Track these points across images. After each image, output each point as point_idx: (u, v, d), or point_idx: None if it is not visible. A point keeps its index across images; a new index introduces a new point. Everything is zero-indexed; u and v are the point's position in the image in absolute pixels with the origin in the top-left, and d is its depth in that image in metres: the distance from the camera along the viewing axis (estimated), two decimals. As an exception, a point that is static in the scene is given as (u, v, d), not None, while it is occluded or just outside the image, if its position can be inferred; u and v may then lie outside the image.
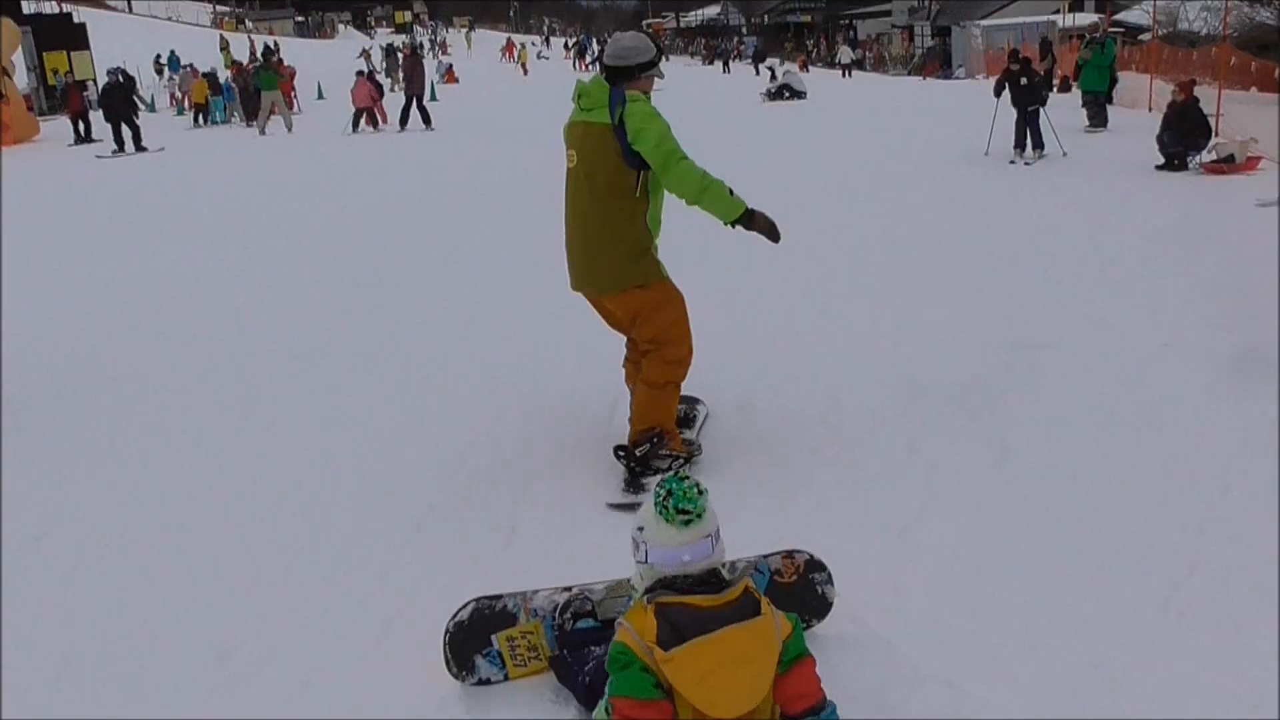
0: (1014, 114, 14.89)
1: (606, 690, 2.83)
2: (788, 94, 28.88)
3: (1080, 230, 10.01)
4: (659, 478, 3.29)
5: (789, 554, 3.59)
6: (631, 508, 4.19)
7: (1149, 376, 5.99)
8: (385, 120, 24.28)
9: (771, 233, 4.72)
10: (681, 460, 4.88)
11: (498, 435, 5.52)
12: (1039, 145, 14.71)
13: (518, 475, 5.00)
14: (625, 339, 5.12)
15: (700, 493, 2.90)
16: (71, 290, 9.41)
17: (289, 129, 25.28)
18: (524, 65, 54.83)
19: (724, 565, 3.05)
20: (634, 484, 4.79)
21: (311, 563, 4.26)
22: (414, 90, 24.23)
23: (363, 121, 24.22)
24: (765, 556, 3.59)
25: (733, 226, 4.70)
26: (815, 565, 3.59)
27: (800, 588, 3.56)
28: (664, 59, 4.99)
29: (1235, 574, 3.84)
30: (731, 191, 4.59)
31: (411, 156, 19.26)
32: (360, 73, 26.28)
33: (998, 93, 15.16)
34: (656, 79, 4.78)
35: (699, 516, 2.85)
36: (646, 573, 2.91)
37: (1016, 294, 7.85)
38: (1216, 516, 4.29)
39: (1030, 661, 3.39)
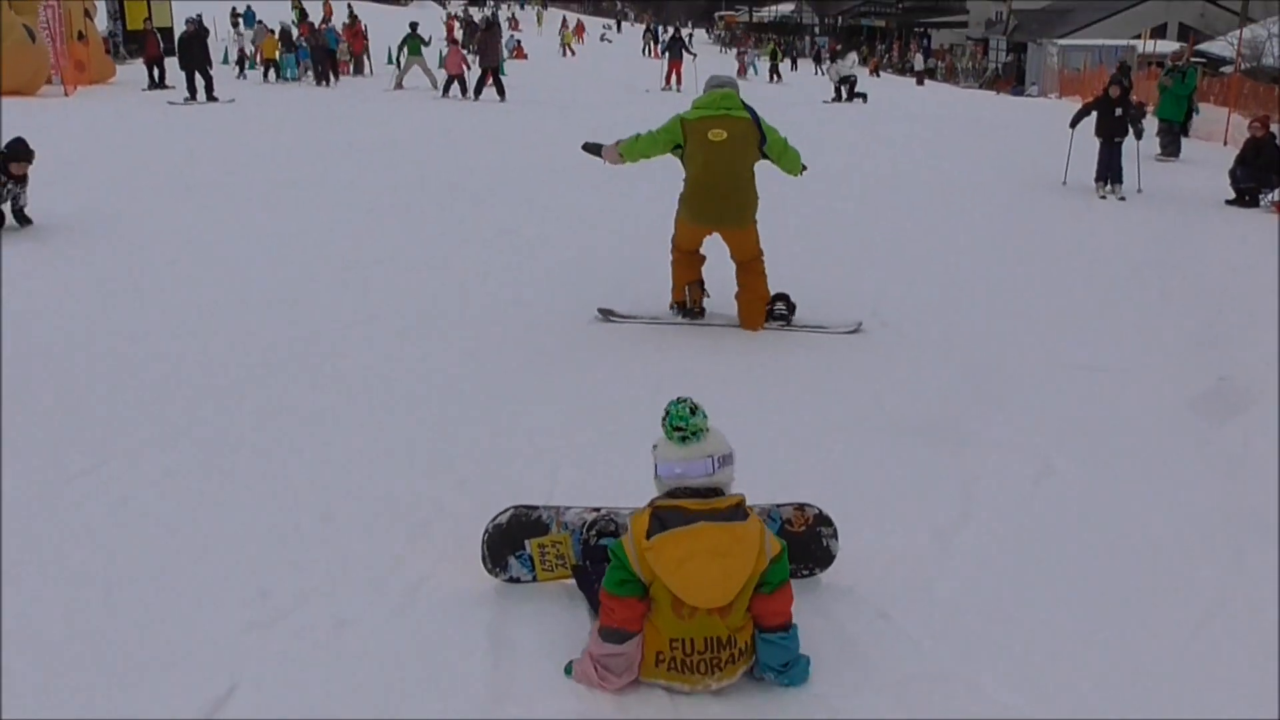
0: (1095, 142, 13.54)
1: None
2: (847, 91, 28.02)
3: (1145, 260, 9.94)
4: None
5: (800, 506, 3.91)
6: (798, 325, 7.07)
7: (1207, 407, 5.98)
8: (465, 91, 24.53)
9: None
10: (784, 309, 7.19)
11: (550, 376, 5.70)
12: (1119, 179, 13.37)
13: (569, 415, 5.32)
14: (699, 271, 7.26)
15: (693, 411, 3.25)
16: (133, 235, 9.61)
17: (433, 84, 26.13)
18: (569, 46, 51.15)
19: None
20: (789, 321, 7.21)
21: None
22: (489, 62, 24.45)
23: (454, 87, 24.58)
24: (779, 505, 3.91)
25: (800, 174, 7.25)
26: (823, 519, 3.90)
27: (808, 538, 3.88)
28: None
29: (1269, 614, 3.86)
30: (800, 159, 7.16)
31: (483, 124, 19.41)
32: (455, 41, 27.22)
33: (1075, 122, 13.70)
34: None
35: (694, 434, 3.22)
36: (658, 485, 3.28)
37: (1077, 317, 7.84)
38: (1256, 555, 4.29)
39: (1053, 673, 3.44)
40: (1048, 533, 4.41)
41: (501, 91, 24.15)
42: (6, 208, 9.00)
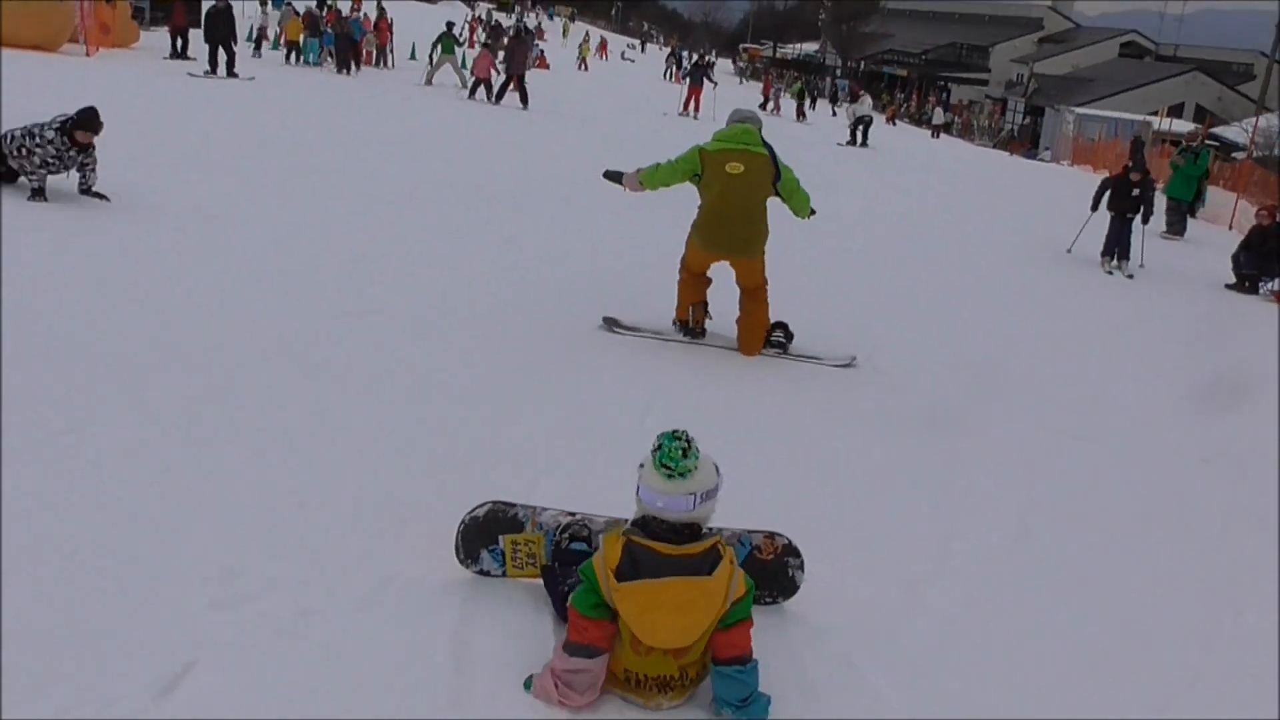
0: (1106, 216, 13.45)
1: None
2: (862, 134, 27.97)
3: (1139, 337, 10.00)
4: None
5: (771, 535, 3.97)
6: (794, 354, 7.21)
7: (1184, 489, 6.01)
8: (490, 95, 24.64)
9: None
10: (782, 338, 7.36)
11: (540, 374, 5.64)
12: (1126, 256, 13.23)
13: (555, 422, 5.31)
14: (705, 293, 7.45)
15: (684, 454, 3.18)
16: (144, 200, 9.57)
17: (461, 84, 26.40)
18: (585, 60, 50.38)
19: (710, 528, 3.40)
20: (785, 349, 7.41)
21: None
22: (515, 70, 24.57)
23: (481, 92, 24.74)
24: (750, 532, 3.97)
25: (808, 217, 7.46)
26: (791, 550, 3.97)
27: (775, 567, 3.95)
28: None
29: (1232, 701, 3.86)
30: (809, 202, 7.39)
31: (503, 129, 19.46)
32: (485, 44, 27.61)
33: (1096, 204, 13.64)
34: None
35: (681, 475, 3.16)
36: (638, 505, 3.27)
37: (1065, 386, 7.87)
38: (1226, 638, 4.30)
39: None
40: (1019, 594, 4.41)
41: (525, 99, 24.27)
42: (67, 179, 8.74)
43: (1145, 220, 13.42)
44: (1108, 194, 13.55)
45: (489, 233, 10.30)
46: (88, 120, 8.53)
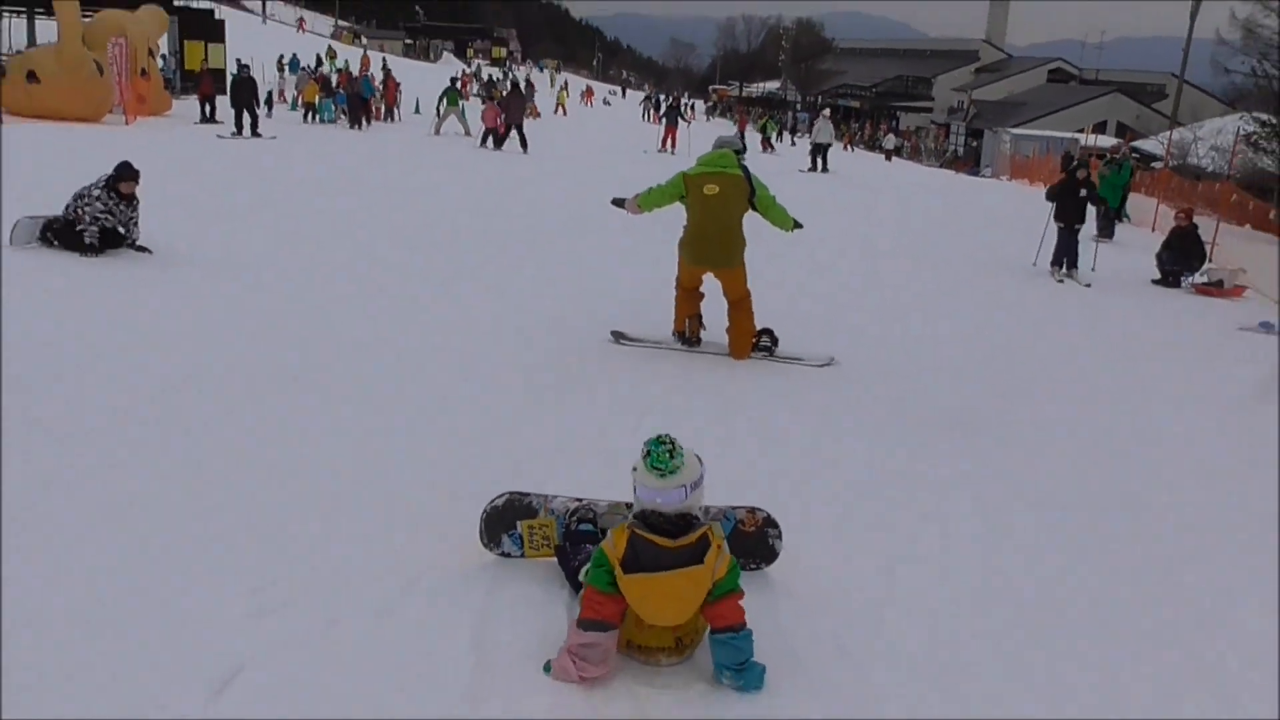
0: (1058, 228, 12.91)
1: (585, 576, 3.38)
2: (822, 161, 27.34)
3: (1079, 323, 10.01)
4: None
5: (752, 510, 4.13)
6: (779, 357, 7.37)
7: (1129, 465, 5.96)
8: (497, 143, 24.70)
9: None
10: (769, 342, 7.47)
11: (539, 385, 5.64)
12: (1075, 264, 12.77)
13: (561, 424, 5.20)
14: (697, 307, 7.53)
15: (672, 456, 3.30)
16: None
17: (466, 132, 26.89)
18: (563, 106, 50.11)
19: (701, 509, 3.52)
20: (772, 352, 7.50)
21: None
22: (513, 119, 24.71)
23: (490, 141, 24.76)
24: (734, 508, 4.12)
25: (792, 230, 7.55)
26: (770, 522, 4.11)
27: (756, 537, 4.09)
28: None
29: (1206, 664, 3.87)
30: (791, 216, 7.47)
31: (503, 170, 19.47)
32: (490, 98, 27.53)
33: (1051, 196, 13.12)
34: None
35: (671, 473, 3.28)
36: (636, 502, 3.38)
37: (1020, 378, 7.83)
38: (1177, 597, 4.29)
39: (988, 700, 3.41)
40: (988, 574, 4.36)
41: (524, 144, 24.36)
42: (126, 229, 8.71)
43: (1094, 203, 13.21)
44: (1054, 207, 13.05)
45: (499, 261, 10.31)
46: (126, 172, 8.61)
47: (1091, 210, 13.54)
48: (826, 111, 30.19)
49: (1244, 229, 19.79)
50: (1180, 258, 13.33)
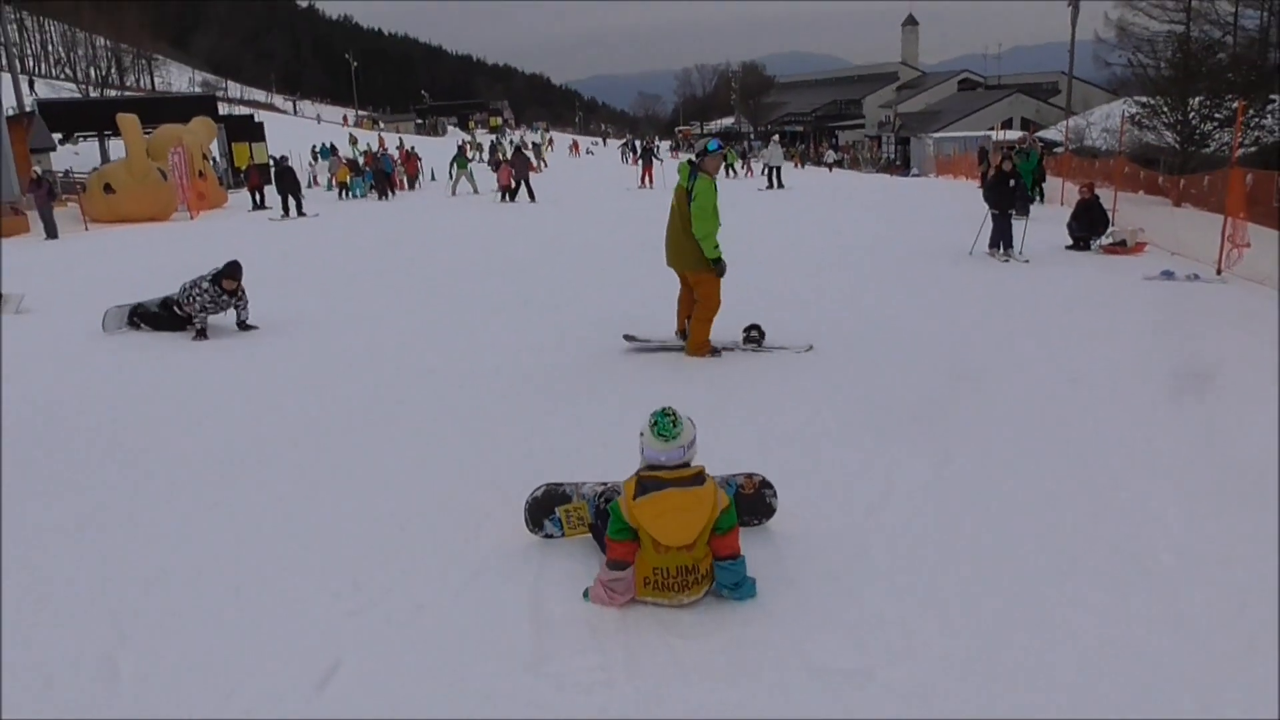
0: (993, 215, 12.56)
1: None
2: (776, 179, 27.02)
3: (1009, 291, 9.99)
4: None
5: (749, 475, 4.20)
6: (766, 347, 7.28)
7: (1058, 404, 5.95)
8: (512, 198, 24.74)
9: (717, 269, 6.96)
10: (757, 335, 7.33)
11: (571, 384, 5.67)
12: (1010, 245, 12.45)
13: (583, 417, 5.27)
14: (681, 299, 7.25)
15: (675, 424, 3.50)
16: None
17: (474, 190, 27.22)
18: (543, 159, 48.27)
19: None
20: (760, 344, 7.35)
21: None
22: (520, 176, 24.84)
23: (506, 196, 24.80)
24: (735, 475, 4.20)
25: (711, 263, 6.92)
26: (766, 484, 4.18)
27: (755, 497, 4.15)
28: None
29: (1124, 559, 3.86)
30: (717, 245, 6.89)
31: (518, 219, 19.53)
32: (502, 161, 27.41)
33: (988, 190, 12.73)
34: (719, 159, 7.09)
35: (673, 437, 3.48)
36: (643, 458, 3.57)
37: (960, 336, 7.81)
38: (1114, 506, 4.29)
39: (962, 608, 3.43)
40: (952, 509, 4.36)
41: (532, 196, 24.42)
42: (228, 316, 8.75)
43: (1018, 193, 12.79)
44: (990, 194, 12.71)
45: (528, 289, 10.36)
46: (231, 271, 8.56)
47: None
48: (776, 137, 30.20)
49: (1138, 195, 19.75)
50: (1087, 225, 13.31)
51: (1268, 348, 7.17)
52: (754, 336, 7.46)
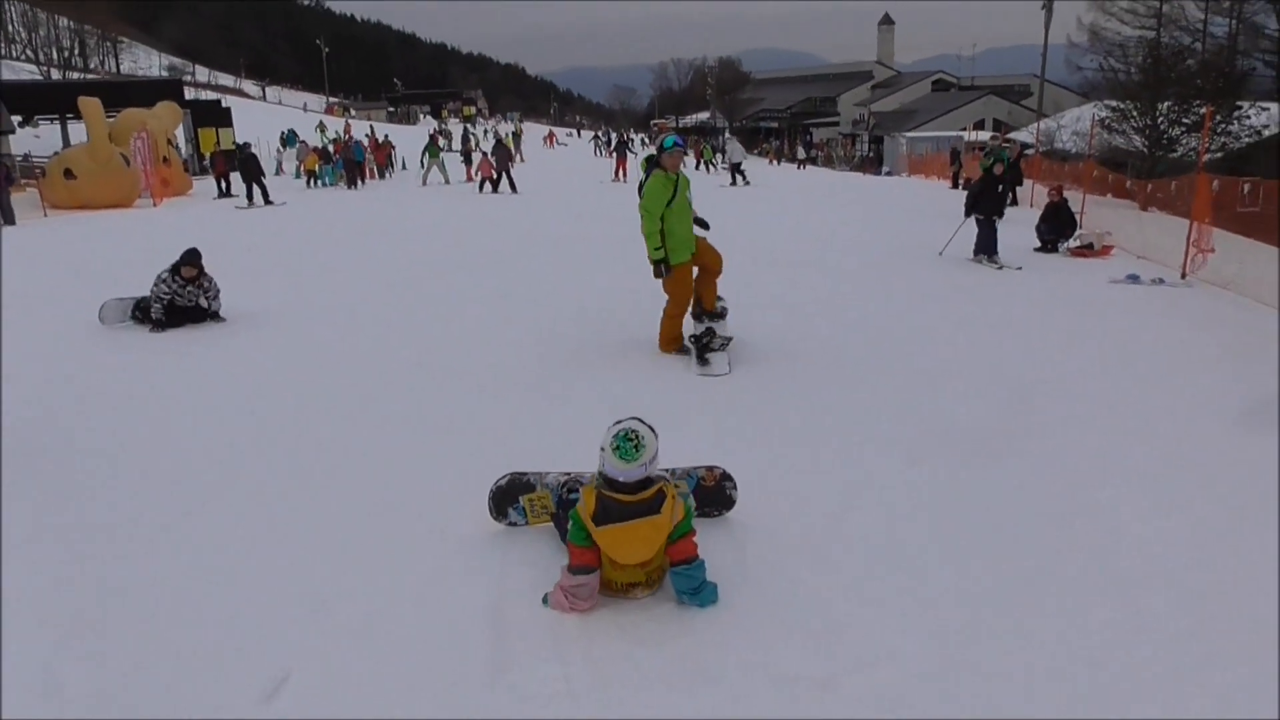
0: (978, 220, 12.16)
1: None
2: (742, 177, 26.93)
3: (978, 293, 10.04)
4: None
5: (710, 467, 4.28)
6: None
7: (1026, 405, 5.96)
8: (495, 189, 24.57)
9: (656, 272, 6.82)
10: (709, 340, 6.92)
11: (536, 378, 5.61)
12: (995, 252, 12.02)
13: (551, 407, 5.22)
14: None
15: (637, 448, 3.45)
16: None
17: (446, 181, 27.24)
18: (519, 152, 47.62)
19: (670, 471, 4.03)
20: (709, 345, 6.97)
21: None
22: (501, 167, 24.83)
23: (487, 186, 24.67)
24: (696, 467, 4.29)
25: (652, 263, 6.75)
26: (727, 476, 4.27)
27: (715, 489, 4.23)
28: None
29: (1074, 553, 3.88)
30: (657, 249, 6.68)
31: (492, 211, 19.37)
32: (484, 153, 27.19)
33: (969, 212, 12.32)
34: (679, 156, 6.77)
35: (634, 460, 3.44)
36: (602, 471, 3.54)
37: (929, 337, 7.82)
38: (1082, 511, 4.32)
39: (935, 623, 3.42)
40: (914, 512, 4.36)
41: (514, 187, 24.39)
42: (202, 302, 8.53)
43: (1010, 188, 12.23)
44: (976, 200, 12.31)
45: (495, 284, 10.21)
46: (188, 259, 8.41)
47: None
48: (726, 134, 30.22)
49: (1106, 198, 19.98)
50: (1056, 228, 13.43)
51: (1231, 352, 7.27)
52: (707, 343, 6.98)
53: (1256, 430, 5.34)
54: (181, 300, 8.41)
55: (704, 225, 7.21)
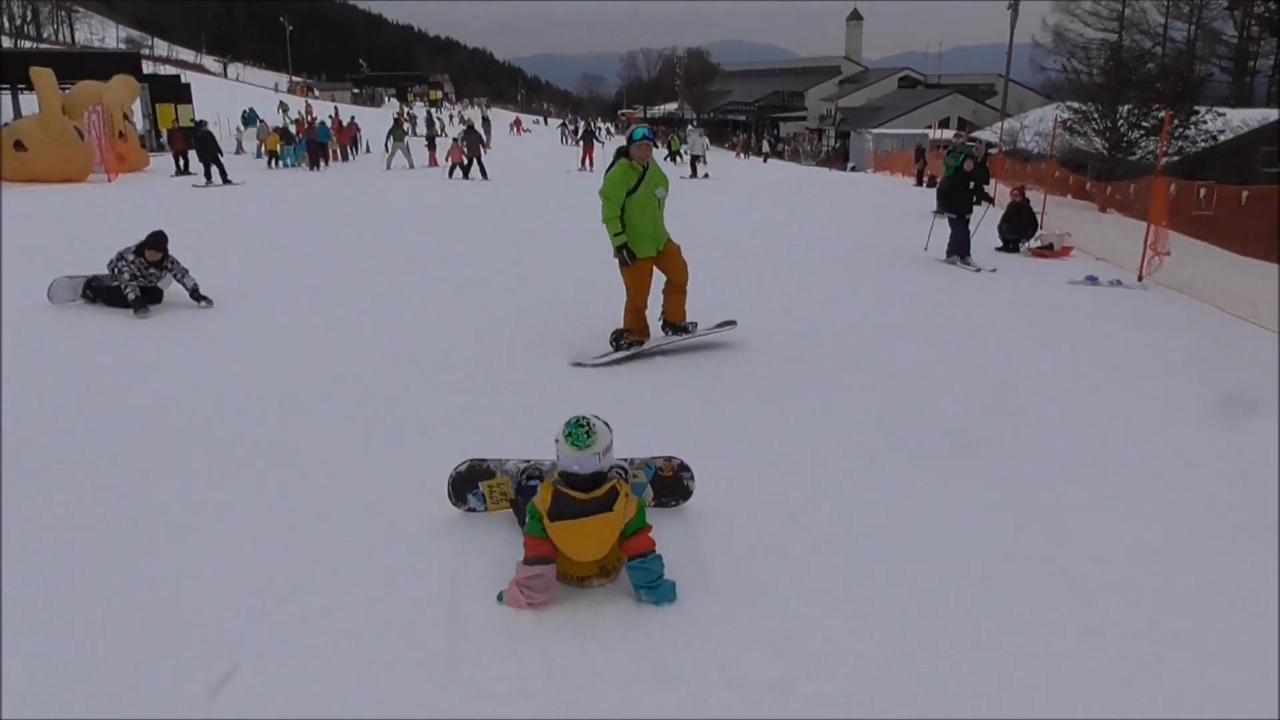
0: (950, 220, 12.00)
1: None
2: (703, 170, 26.82)
3: (940, 292, 10.10)
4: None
5: (669, 458, 4.28)
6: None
7: (989, 406, 6.00)
8: (465, 174, 24.28)
9: (620, 257, 6.69)
10: (628, 345, 6.85)
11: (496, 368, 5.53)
12: (967, 253, 11.85)
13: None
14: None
15: (588, 434, 3.43)
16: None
17: (410, 165, 26.99)
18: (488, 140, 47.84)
19: (629, 461, 4.09)
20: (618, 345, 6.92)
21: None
22: (472, 153, 24.61)
23: (457, 172, 24.39)
24: (654, 458, 4.28)
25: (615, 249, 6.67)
26: (684, 467, 4.28)
27: (673, 480, 4.26)
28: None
29: (1020, 548, 3.90)
30: (618, 235, 6.59)
31: (457, 198, 19.13)
32: (455, 139, 26.89)
33: (943, 192, 12.28)
34: (647, 148, 6.65)
35: (586, 446, 3.42)
36: (559, 464, 3.51)
37: (895, 336, 7.83)
38: (1043, 514, 4.33)
39: (892, 625, 3.42)
40: (875, 512, 4.36)
41: (484, 173, 24.20)
42: (168, 289, 8.40)
43: (981, 194, 12.13)
44: (948, 198, 12.16)
45: (461, 273, 10.02)
46: (152, 241, 8.21)
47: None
48: (691, 125, 30.21)
49: (1066, 199, 20.26)
50: (1017, 228, 13.60)
51: (1193, 357, 7.38)
52: (620, 344, 6.92)
53: (1236, 426, 5.46)
54: (142, 281, 8.21)
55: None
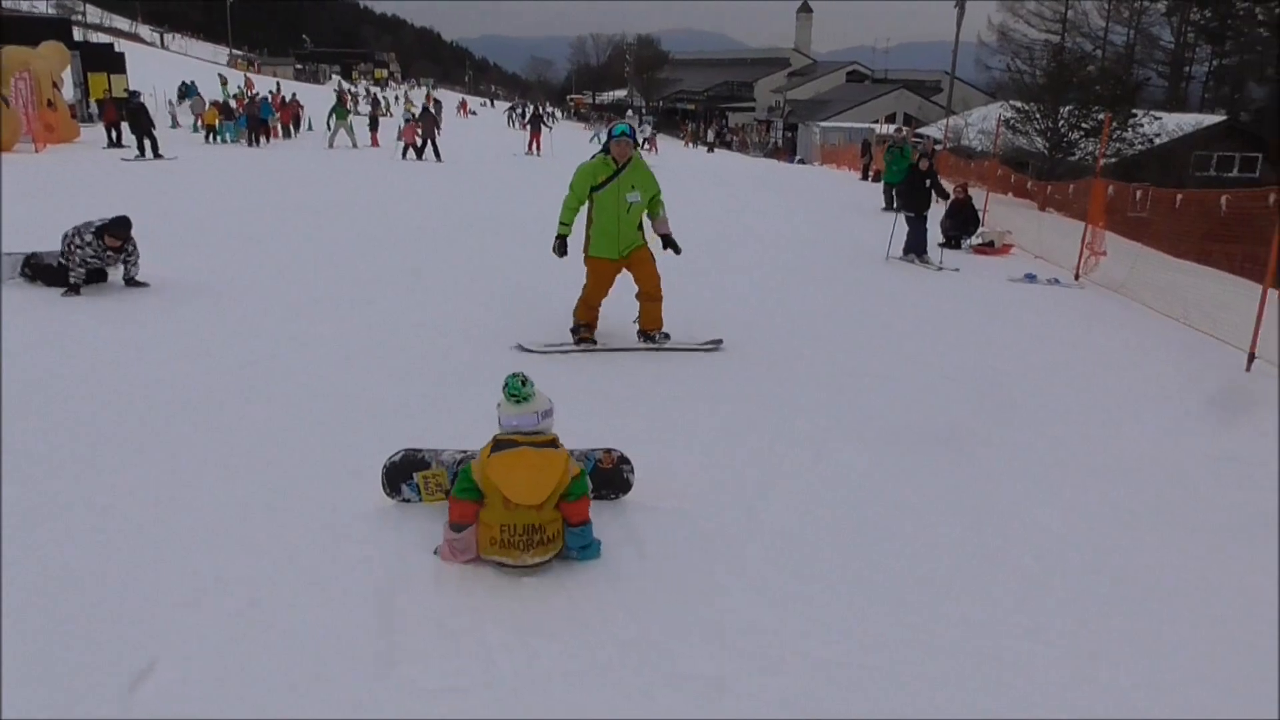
0: (908, 218, 11.97)
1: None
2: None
3: (880, 289, 10.19)
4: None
5: (608, 450, 4.21)
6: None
7: (928, 400, 6.06)
8: (419, 155, 24.06)
9: (555, 249, 6.65)
10: (578, 341, 6.75)
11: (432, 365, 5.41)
12: (924, 252, 11.85)
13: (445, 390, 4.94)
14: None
15: (524, 384, 3.58)
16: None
17: (354, 144, 26.51)
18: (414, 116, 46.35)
19: (570, 452, 3.71)
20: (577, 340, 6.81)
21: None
22: (426, 135, 24.38)
23: (410, 152, 24.13)
24: (594, 449, 4.20)
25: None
26: (624, 460, 4.21)
27: (612, 472, 4.18)
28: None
29: (970, 546, 3.94)
30: (563, 225, 6.58)
31: (401, 179, 18.76)
32: (408, 119, 26.85)
33: (901, 192, 12.42)
34: (625, 144, 6.63)
35: (525, 399, 3.56)
36: (500, 429, 3.60)
37: (848, 332, 7.87)
38: (988, 514, 4.34)
39: (841, 623, 3.40)
40: (827, 510, 4.33)
41: (438, 155, 23.97)
42: (114, 271, 8.01)
43: (938, 192, 12.28)
44: (904, 197, 12.29)
45: (407, 259, 9.81)
46: (116, 227, 7.77)
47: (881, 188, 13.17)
48: (628, 114, 30.24)
49: (1008, 197, 20.64)
50: (959, 224, 13.78)
51: (1133, 354, 7.55)
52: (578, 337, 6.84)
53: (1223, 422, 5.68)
54: (94, 264, 7.87)
55: (675, 249, 6.84)
